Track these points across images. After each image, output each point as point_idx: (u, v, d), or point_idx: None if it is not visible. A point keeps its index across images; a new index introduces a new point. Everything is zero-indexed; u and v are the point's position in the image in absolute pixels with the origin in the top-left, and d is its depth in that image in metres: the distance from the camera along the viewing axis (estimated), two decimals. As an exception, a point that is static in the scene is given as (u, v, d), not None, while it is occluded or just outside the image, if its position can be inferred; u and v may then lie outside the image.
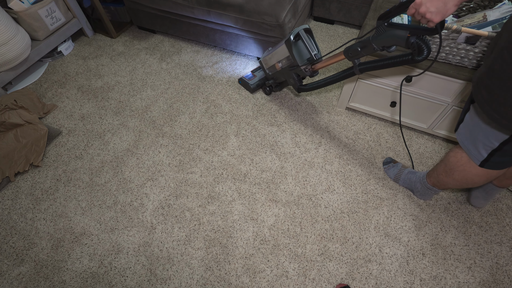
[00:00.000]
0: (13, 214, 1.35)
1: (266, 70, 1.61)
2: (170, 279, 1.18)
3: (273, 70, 1.56)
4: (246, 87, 1.79)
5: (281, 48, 1.39)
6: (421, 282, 1.15)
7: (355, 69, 1.15)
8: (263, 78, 1.75)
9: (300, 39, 1.31)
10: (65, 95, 1.82)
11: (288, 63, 1.41)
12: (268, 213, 1.33)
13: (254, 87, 1.74)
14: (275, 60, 1.49)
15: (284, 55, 1.40)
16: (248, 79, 1.75)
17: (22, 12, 1.68)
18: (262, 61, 1.60)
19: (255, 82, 1.74)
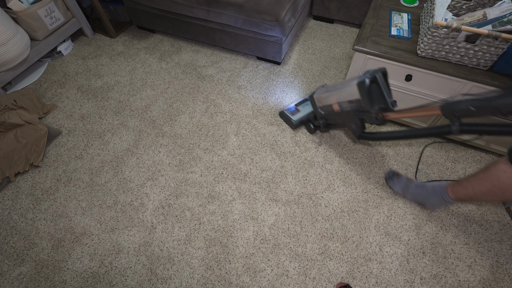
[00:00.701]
0: (13, 214, 1.35)
1: (319, 109, 1.41)
2: (171, 278, 1.18)
3: (329, 110, 1.35)
4: (287, 122, 1.61)
5: (348, 89, 1.18)
6: (421, 280, 1.15)
7: (454, 128, 0.94)
8: (309, 114, 1.57)
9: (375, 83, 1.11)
10: (64, 95, 1.82)
11: (353, 106, 1.20)
12: (268, 213, 1.33)
13: (297, 123, 1.56)
14: (334, 100, 1.28)
15: (350, 97, 1.19)
16: (290, 113, 1.58)
17: (21, 12, 1.68)
18: (316, 98, 1.40)
19: (299, 118, 1.56)
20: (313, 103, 1.43)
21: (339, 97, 1.25)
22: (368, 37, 1.34)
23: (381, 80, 1.10)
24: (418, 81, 1.32)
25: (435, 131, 1.02)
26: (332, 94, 1.28)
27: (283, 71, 1.90)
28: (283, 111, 1.61)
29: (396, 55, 1.26)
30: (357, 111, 1.21)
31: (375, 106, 1.13)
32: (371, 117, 1.17)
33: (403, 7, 1.47)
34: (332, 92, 1.28)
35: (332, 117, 1.38)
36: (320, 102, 1.39)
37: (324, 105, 1.37)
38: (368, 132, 1.28)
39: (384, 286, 1.14)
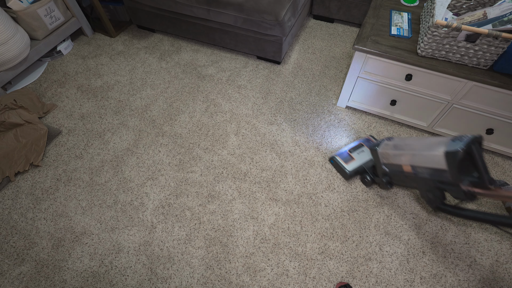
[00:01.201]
0: (13, 214, 1.35)
1: (383, 165, 1.21)
2: (171, 278, 1.18)
3: (397, 170, 1.14)
4: (339, 170, 1.41)
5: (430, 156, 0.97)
6: (421, 280, 1.15)
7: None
8: (366, 164, 1.36)
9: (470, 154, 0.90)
10: (64, 94, 1.82)
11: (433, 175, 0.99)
12: (268, 212, 1.33)
13: (352, 174, 1.36)
14: (406, 161, 1.07)
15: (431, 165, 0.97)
16: (343, 161, 1.37)
17: (21, 11, 1.68)
18: (380, 154, 1.19)
19: (354, 168, 1.35)
20: (375, 157, 1.23)
21: (414, 160, 1.03)
22: (368, 36, 1.34)
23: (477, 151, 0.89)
24: (418, 81, 1.32)
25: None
26: (404, 155, 1.07)
27: (283, 70, 1.90)
28: (334, 157, 1.40)
29: (396, 54, 1.26)
30: (439, 182, 0.98)
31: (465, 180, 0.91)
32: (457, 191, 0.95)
33: (403, 6, 1.46)
34: (404, 152, 1.07)
35: (400, 179, 1.16)
36: (385, 159, 1.17)
37: (391, 163, 1.15)
38: (451, 206, 1.03)
39: (384, 285, 1.14)
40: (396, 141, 1.15)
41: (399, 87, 1.40)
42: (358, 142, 1.44)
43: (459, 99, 1.30)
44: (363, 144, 1.43)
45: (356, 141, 1.46)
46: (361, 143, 1.44)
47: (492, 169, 1.43)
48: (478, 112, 1.31)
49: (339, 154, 1.41)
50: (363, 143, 1.44)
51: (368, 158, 1.38)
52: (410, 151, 1.05)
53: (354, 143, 1.45)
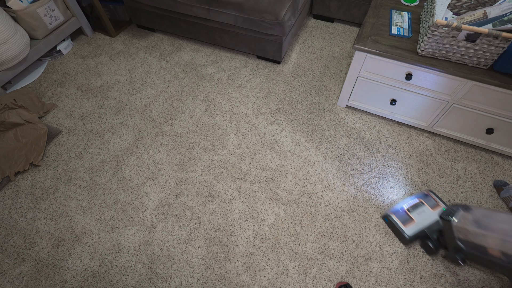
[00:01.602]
0: (13, 214, 1.35)
1: (458, 240, 1.01)
2: (171, 277, 1.18)
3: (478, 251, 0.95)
4: (395, 232, 1.23)
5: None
6: (421, 280, 1.15)
7: None
8: (429, 228, 1.17)
9: None
10: (64, 94, 1.82)
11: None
12: (268, 212, 1.33)
13: (412, 239, 1.17)
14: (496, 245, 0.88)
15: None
16: (401, 222, 1.19)
17: (20, 11, 1.68)
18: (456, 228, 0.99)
19: (415, 232, 1.16)
20: (448, 230, 1.02)
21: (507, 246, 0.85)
22: (368, 36, 1.34)
23: None
24: (418, 80, 1.32)
25: None
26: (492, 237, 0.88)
27: (283, 70, 1.90)
28: (389, 215, 1.23)
29: (397, 54, 1.26)
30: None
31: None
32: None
33: (404, 6, 1.46)
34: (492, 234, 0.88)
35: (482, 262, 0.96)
36: (463, 234, 0.98)
37: (471, 242, 0.96)
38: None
39: (384, 285, 1.15)
40: (478, 215, 0.95)
41: (399, 86, 1.40)
42: (417, 199, 1.24)
43: (459, 99, 1.30)
44: (424, 203, 1.23)
45: (414, 197, 1.26)
46: (421, 200, 1.24)
47: (492, 169, 1.43)
48: (478, 111, 1.31)
49: (394, 211, 1.22)
50: (423, 201, 1.24)
51: (431, 220, 1.19)
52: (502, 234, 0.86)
53: (411, 199, 1.25)
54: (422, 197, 1.26)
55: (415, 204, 1.23)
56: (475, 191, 1.37)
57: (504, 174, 1.41)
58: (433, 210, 1.21)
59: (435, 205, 1.23)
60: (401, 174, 1.43)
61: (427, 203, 1.24)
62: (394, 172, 1.44)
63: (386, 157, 1.49)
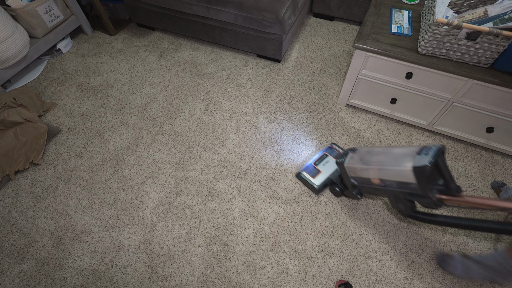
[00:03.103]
0: (13, 212, 1.35)
1: (351, 179, 1.19)
2: (171, 276, 1.18)
3: (365, 183, 1.13)
4: (308, 186, 1.38)
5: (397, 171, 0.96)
6: (420, 277, 1.16)
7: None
8: (333, 174, 1.35)
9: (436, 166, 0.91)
10: (64, 93, 1.81)
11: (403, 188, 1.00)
12: (268, 210, 1.33)
13: (321, 188, 1.33)
14: (375, 175, 1.06)
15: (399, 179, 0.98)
16: (310, 175, 1.35)
17: (20, 9, 1.67)
18: (347, 168, 1.16)
19: (322, 181, 1.33)
20: (343, 171, 1.19)
21: (382, 174, 1.03)
22: (369, 34, 1.33)
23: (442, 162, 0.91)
24: (418, 79, 1.32)
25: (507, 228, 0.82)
26: (372, 169, 1.06)
27: (283, 68, 1.89)
28: (301, 173, 1.37)
29: (397, 52, 1.25)
30: (409, 194, 1.00)
31: (433, 190, 0.93)
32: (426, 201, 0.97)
33: (404, 4, 1.46)
34: (370, 166, 1.06)
35: (370, 191, 1.15)
36: (353, 172, 1.15)
37: (359, 177, 1.14)
38: (422, 213, 1.04)
39: (384, 283, 1.15)
40: (362, 154, 1.13)
41: (399, 85, 1.40)
42: (322, 153, 1.42)
43: (460, 98, 1.30)
44: (327, 154, 1.41)
45: (320, 152, 1.43)
46: (325, 153, 1.42)
47: (492, 168, 1.43)
48: (479, 110, 1.31)
49: (305, 168, 1.38)
50: (327, 153, 1.42)
51: (334, 168, 1.37)
52: (377, 165, 1.04)
53: (318, 154, 1.43)
54: (326, 150, 1.44)
55: (320, 157, 1.41)
56: (475, 190, 1.37)
57: (504, 173, 1.41)
58: None
59: (338, 154, 1.38)
60: (401, 173, 1.43)
61: (331, 154, 1.42)
62: (394, 171, 1.44)
63: (386, 156, 1.49)
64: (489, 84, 1.18)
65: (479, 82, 1.19)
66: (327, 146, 1.46)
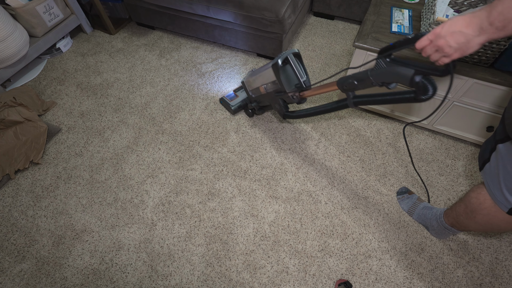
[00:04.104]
0: (13, 212, 1.35)
1: (249, 92, 1.47)
2: (171, 275, 1.18)
3: (257, 93, 1.42)
4: (227, 107, 1.66)
5: (266, 72, 1.26)
6: (420, 277, 1.16)
7: (348, 102, 1.04)
8: (245, 99, 1.63)
9: (288, 64, 1.18)
10: (64, 92, 1.81)
11: (274, 87, 1.28)
12: (268, 210, 1.33)
13: (236, 108, 1.62)
14: (259, 83, 1.35)
15: (269, 79, 1.26)
16: (229, 100, 1.63)
17: (19, 8, 1.67)
18: (245, 82, 1.46)
19: (237, 103, 1.62)
20: (245, 87, 1.49)
21: (262, 80, 1.32)
22: (369, 33, 1.33)
23: (293, 61, 1.15)
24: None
25: (335, 105, 1.11)
26: (257, 78, 1.34)
27: (283, 68, 1.89)
28: (223, 98, 1.66)
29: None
30: (277, 92, 1.29)
31: (291, 86, 1.21)
32: (289, 97, 1.25)
33: (404, 3, 1.46)
34: (256, 75, 1.35)
35: (261, 99, 1.45)
36: (249, 86, 1.45)
37: (253, 89, 1.42)
38: (290, 111, 1.36)
39: (384, 282, 1.15)
40: (254, 70, 1.40)
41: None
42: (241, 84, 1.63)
43: (460, 97, 1.29)
44: None
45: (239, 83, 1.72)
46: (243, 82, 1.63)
47: (492, 167, 1.43)
48: (479, 109, 1.30)
49: (227, 95, 1.66)
50: None
51: None
52: (259, 73, 1.32)
53: (238, 86, 1.73)
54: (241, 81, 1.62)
55: (240, 87, 1.70)
56: (475, 189, 1.37)
57: (504, 172, 1.41)
58: None
59: None
60: (401, 172, 1.43)
61: None
62: (394, 170, 1.44)
63: (386, 155, 1.49)
64: (489, 83, 1.18)
65: (479, 81, 1.19)
66: None
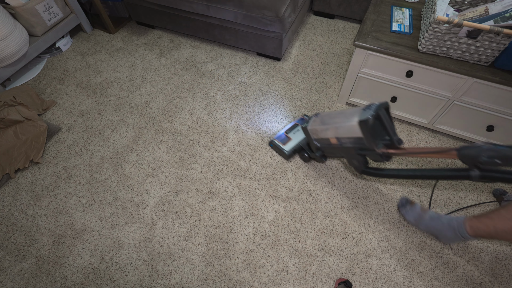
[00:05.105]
0: (14, 211, 1.36)
1: (314, 141, 1.29)
2: (171, 274, 1.18)
3: (325, 143, 1.24)
4: (279, 152, 1.48)
5: (348, 126, 1.06)
6: (420, 276, 1.16)
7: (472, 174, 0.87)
8: (302, 142, 1.44)
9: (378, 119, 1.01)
10: (64, 91, 1.81)
11: (354, 143, 1.10)
12: (268, 209, 1.33)
13: (290, 153, 1.44)
14: (331, 134, 1.17)
15: (350, 135, 1.08)
16: (281, 143, 1.44)
17: (19, 7, 1.67)
18: (310, 131, 1.27)
19: (291, 147, 1.43)
20: (307, 134, 1.31)
21: (337, 132, 1.14)
22: (369, 32, 1.33)
23: (384, 116, 1.01)
24: (418, 77, 1.32)
25: (451, 174, 0.93)
26: (329, 128, 1.17)
27: (283, 67, 1.89)
28: (273, 141, 1.47)
29: (397, 51, 1.25)
30: (359, 149, 1.11)
31: (379, 144, 1.03)
32: (374, 155, 1.07)
33: (404, 2, 1.45)
34: (328, 126, 1.17)
35: (330, 151, 1.27)
36: (315, 134, 1.27)
37: (320, 138, 1.25)
38: (373, 168, 1.17)
39: (384, 281, 1.15)
40: (322, 116, 1.24)
41: (399, 83, 1.39)
42: (294, 123, 1.53)
43: (460, 96, 1.29)
44: (298, 124, 1.52)
45: (292, 122, 1.54)
46: (296, 123, 1.53)
47: (492, 166, 1.43)
48: (479, 109, 1.30)
49: (277, 137, 1.48)
50: (298, 123, 1.53)
51: (303, 136, 1.47)
52: (333, 124, 1.15)
53: (290, 124, 1.53)
54: (298, 121, 1.54)
55: (292, 126, 1.51)
56: (475, 189, 1.37)
57: (504, 172, 1.41)
58: None
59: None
60: (401, 171, 1.43)
61: (301, 124, 1.46)
62: (394, 170, 1.44)
63: (386, 154, 1.49)
64: (489, 82, 1.18)
65: (479, 80, 1.19)
66: (300, 117, 1.57)
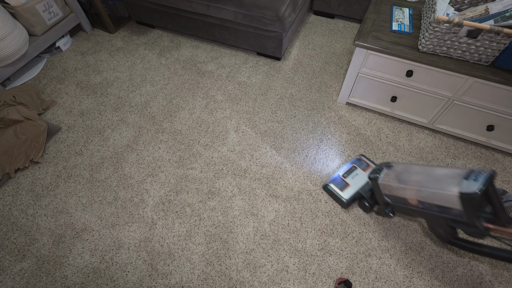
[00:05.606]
0: (14, 210, 1.36)
1: (384, 196, 1.12)
2: (171, 274, 1.18)
3: (401, 202, 1.06)
4: (335, 199, 1.32)
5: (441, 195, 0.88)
6: (420, 275, 1.16)
7: None
8: (362, 188, 1.29)
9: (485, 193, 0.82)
10: (64, 91, 1.81)
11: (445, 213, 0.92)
12: (268, 209, 1.33)
13: (349, 202, 1.27)
14: (412, 195, 0.99)
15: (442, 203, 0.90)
16: (338, 188, 1.29)
17: (19, 7, 1.67)
18: (381, 185, 1.10)
19: (351, 195, 1.27)
20: (376, 188, 1.12)
21: (421, 195, 0.95)
22: (369, 32, 1.33)
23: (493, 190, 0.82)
24: (419, 77, 1.32)
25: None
26: (410, 189, 0.98)
27: (283, 66, 1.89)
28: (328, 185, 1.31)
29: (397, 50, 1.25)
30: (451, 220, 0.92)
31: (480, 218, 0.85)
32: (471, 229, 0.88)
33: (405, 1, 1.45)
34: (409, 186, 0.98)
35: (405, 211, 1.08)
36: (387, 190, 1.08)
37: (394, 196, 1.07)
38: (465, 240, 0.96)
39: (384, 281, 1.15)
40: (398, 171, 1.04)
41: (399, 83, 1.39)
42: (351, 165, 1.36)
43: (460, 96, 1.29)
44: (356, 167, 1.35)
45: (348, 163, 1.37)
46: (353, 165, 1.35)
47: (492, 166, 1.43)
48: (479, 108, 1.30)
49: (332, 180, 1.32)
50: (356, 165, 1.36)
51: (363, 181, 1.31)
52: (416, 185, 0.96)
53: (346, 165, 1.36)
54: (355, 162, 1.37)
55: (349, 169, 1.34)
56: (475, 188, 1.37)
57: (504, 171, 1.41)
58: (365, 172, 1.33)
59: (367, 167, 1.34)
60: (401, 171, 1.43)
61: (360, 167, 1.35)
62: (394, 169, 1.44)
63: (386, 154, 1.49)
64: (489, 82, 1.18)
65: (479, 80, 1.19)
66: (355, 157, 1.39)
